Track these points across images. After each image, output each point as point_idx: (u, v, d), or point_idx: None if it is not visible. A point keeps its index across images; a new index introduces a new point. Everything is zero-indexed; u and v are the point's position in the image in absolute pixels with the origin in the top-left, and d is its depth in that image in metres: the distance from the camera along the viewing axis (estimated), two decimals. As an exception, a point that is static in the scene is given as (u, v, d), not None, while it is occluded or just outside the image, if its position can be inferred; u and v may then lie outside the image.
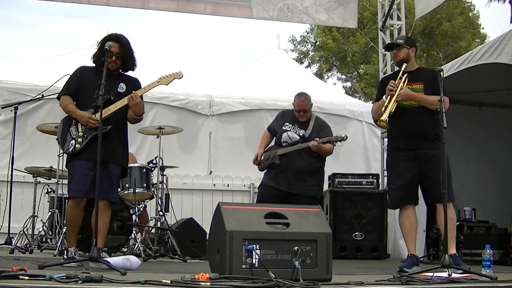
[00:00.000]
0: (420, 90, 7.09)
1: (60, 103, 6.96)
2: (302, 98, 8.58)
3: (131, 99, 6.74)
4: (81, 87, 6.91)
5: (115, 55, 6.86)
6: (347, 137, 8.25)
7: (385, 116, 7.01)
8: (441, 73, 6.39)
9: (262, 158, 8.59)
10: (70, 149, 6.71)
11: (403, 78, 7.13)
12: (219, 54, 52.86)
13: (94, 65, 7.01)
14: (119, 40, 6.94)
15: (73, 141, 6.72)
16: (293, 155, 8.34)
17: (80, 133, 6.71)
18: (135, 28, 52.44)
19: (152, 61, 14.64)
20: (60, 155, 6.85)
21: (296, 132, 8.47)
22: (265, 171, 8.63)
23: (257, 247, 4.98)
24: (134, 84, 7.02)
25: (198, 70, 16.13)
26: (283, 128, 8.59)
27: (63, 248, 7.87)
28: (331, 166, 9.61)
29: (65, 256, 6.57)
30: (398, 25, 11.84)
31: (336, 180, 10.39)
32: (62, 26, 57.95)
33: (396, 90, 7.03)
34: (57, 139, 7.00)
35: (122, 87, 6.95)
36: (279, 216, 5.35)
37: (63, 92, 6.96)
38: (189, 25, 57.29)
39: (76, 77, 7.01)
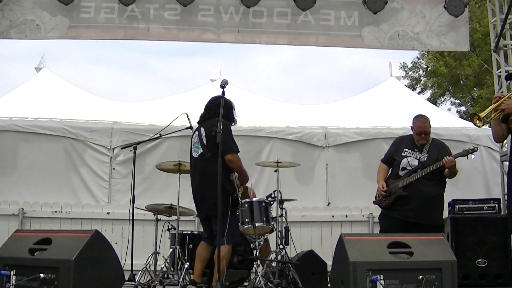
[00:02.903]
0: None
1: (237, 159, 7.66)
2: (423, 120, 8.52)
3: None
4: None
5: None
6: (477, 148, 8.14)
7: (482, 113, 6.95)
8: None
9: (385, 191, 8.50)
10: None
11: None
12: (331, 84, 52.95)
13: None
14: None
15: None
16: (414, 183, 8.26)
17: None
18: (246, 63, 53.18)
19: (265, 96, 14.83)
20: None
21: (415, 157, 8.40)
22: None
23: (381, 277, 4.96)
24: None
25: (312, 102, 16.22)
26: (402, 154, 8.52)
27: (185, 283, 8.18)
28: (450, 193, 9.45)
29: None
30: (511, 45, 11.58)
31: (457, 206, 10.17)
32: (173, 65, 59.36)
33: (503, 98, 6.95)
34: (234, 194, 7.60)
35: None
36: (402, 245, 5.32)
37: (238, 149, 7.71)
38: (300, 57, 57.57)
39: None
